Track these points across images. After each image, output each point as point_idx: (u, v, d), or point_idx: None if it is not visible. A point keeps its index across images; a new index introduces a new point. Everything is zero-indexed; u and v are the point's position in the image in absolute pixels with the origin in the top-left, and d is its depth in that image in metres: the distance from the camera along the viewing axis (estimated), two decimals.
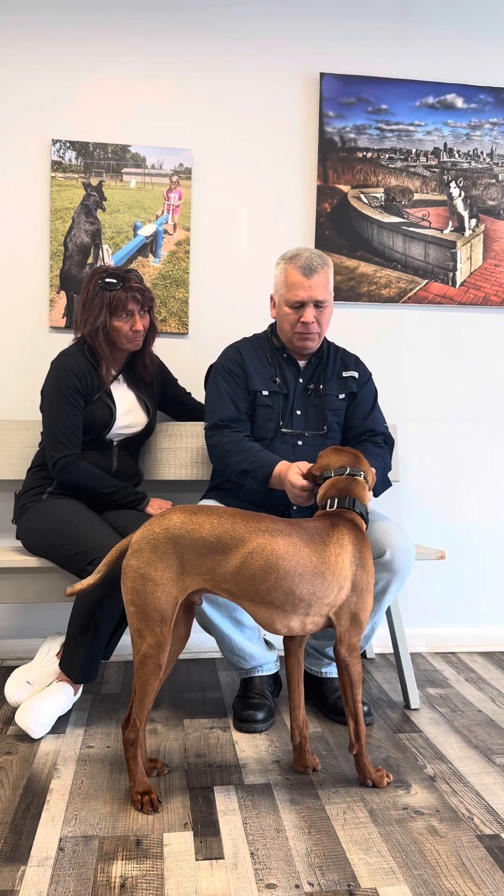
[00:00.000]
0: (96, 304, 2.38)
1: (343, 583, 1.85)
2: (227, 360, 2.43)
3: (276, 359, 2.43)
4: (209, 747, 2.17)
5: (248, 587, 1.80)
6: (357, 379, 2.48)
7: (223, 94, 2.89)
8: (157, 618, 1.78)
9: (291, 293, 2.31)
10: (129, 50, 2.83)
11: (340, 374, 2.46)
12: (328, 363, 2.46)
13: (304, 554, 1.82)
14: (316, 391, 2.41)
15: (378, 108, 2.95)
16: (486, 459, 3.13)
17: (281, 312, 2.37)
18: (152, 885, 1.54)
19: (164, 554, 1.79)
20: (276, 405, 2.38)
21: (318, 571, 1.82)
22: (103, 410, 2.44)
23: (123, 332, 2.41)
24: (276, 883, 1.56)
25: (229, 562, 1.80)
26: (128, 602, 1.81)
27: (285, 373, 2.42)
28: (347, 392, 2.45)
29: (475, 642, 3.13)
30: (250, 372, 2.39)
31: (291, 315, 2.33)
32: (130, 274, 2.41)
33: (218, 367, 2.43)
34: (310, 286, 2.29)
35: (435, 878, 1.58)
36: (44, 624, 2.91)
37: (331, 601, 1.85)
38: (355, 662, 1.90)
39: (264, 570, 1.78)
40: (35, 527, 2.37)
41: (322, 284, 2.31)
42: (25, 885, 1.54)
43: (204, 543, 1.80)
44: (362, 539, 1.92)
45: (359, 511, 1.96)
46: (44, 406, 2.43)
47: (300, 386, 2.42)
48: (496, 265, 3.05)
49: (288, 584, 1.79)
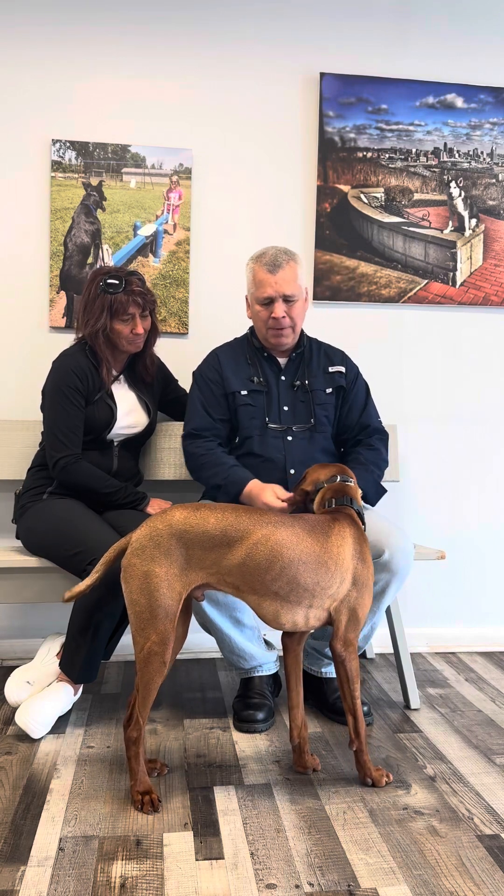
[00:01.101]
0: (97, 307, 2.38)
1: (345, 574, 1.87)
2: (205, 366, 2.48)
3: (255, 359, 2.47)
4: (209, 747, 2.17)
5: (252, 578, 1.82)
6: (345, 374, 2.50)
7: (223, 94, 2.89)
8: (161, 614, 1.79)
9: (260, 290, 2.36)
10: (130, 50, 2.83)
11: (326, 369, 2.49)
12: (311, 359, 2.49)
13: (308, 543, 1.85)
14: (302, 387, 2.44)
15: (378, 108, 2.95)
16: (486, 459, 3.13)
17: (253, 311, 2.43)
18: (152, 885, 1.55)
19: (168, 550, 1.80)
20: (257, 403, 2.41)
21: (321, 561, 1.85)
22: (104, 411, 2.44)
23: (124, 334, 2.41)
24: (276, 883, 1.56)
25: (234, 554, 1.81)
26: (131, 600, 1.81)
27: (266, 371, 2.45)
28: (335, 386, 2.47)
29: (475, 642, 3.13)
30: (227, 374, 2.43)
31: (263, 312, 2.38)
32: (132, 276, 2.41)
33: (196, 375, 2.49)
34: (276, 282, 2.33)
35: (435, 878, 1.58)
36: (44, 624, 2.91)
37: (333, 592, 1.87)
38: (351, 658, 1.91)
39: (269, 560, 1.80)
40: (35, 527, 2.37)
41: (289, 279, 2.34)
42: (25, 885, 1.54)
43: (209, 537, 1.82)
44: (361, 535, 1.94)
45: (356, 509, 1.99)
46: (44, 406, 2.43)
47: (284, 383, 2.45)
48: (496, 265, 3.05)
49: (292, 572, 1.81)
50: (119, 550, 1.88)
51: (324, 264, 2.96)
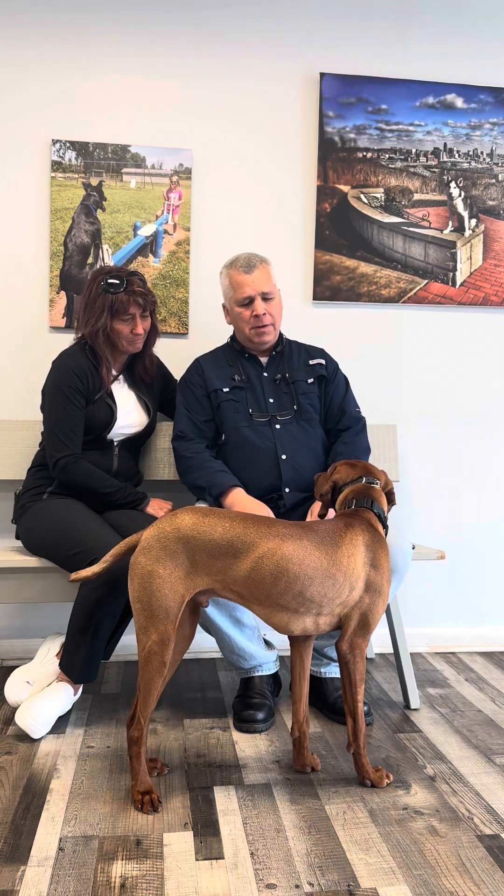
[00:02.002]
0: (98, 306, 2.39)
1: (355, 583, 1.86)
2: (189, 373, 2.56)
3: (236, 360, 2.55)
4: (209, 747, 2.17)
5: (258, 591, 1.81)
6: (325, 365, 2.58)
7: (223, 94, 2.89)
8: (162, 615, 1.79)
9: (239, 292, 2.45)
10: (130, 50, 2.83)
11: (307, 362, 2.57)
12: (292, 355, 2.58)
13: (314, 557, 1.83)
14: (283, 379, 2.52)
15: (378, 108, 2.95)
16: (486, 459, 3.13)
17: (234, 314, 2.50)
18: (152, 885, 1.54)
19: (174, 553, 1.81)
20: (240, 398, 2.49)
21: (328, 574, 1.83)
22: (104, 410, 2.44)
23: (124, 334, 2.42)
24: (276, 883, 1.56)
25: (240, 565, 1.81)
26: (134, 598, 1.82)
27: (247, 370, 2.54)
28: (316, 376, 2.55)
29: (475, 642, 3.13)
30: (209, 376, 2.51)
31: (244, 312, 2.46)
32: (134, 276, 2.41)
33: (180, 382, 2.58)
34: (253, 280, 2.44)
35: (435, 878, 1.58)
36: (44, 624, 2.91)
37: (342, 601, 1.86)
38: (357, 661, 1.90)
39: (274, 575, 1.80)
40: (35, 527, 2.37)
41: (264, 278, 2.45)
42: (25, 885, 1.54)
43: (216, 546, 1.81)
44: (378, 541, 1.92)
45: (377, 512, 1.97)
46: (44, 406, 2.43)
47: (266, 378, 2.53)
48: (496, 265, 3.05)
49: (298, 587, 1.81)
50: (129, 545, 1.89)
51: (324, 264, 2.96)
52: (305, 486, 2.43)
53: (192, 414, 2.49)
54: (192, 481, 2.41)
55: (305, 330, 2.92)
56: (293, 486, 2.42)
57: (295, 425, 2.47)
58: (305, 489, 2.43)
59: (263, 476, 2.41)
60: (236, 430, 2.46)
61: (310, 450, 2.46)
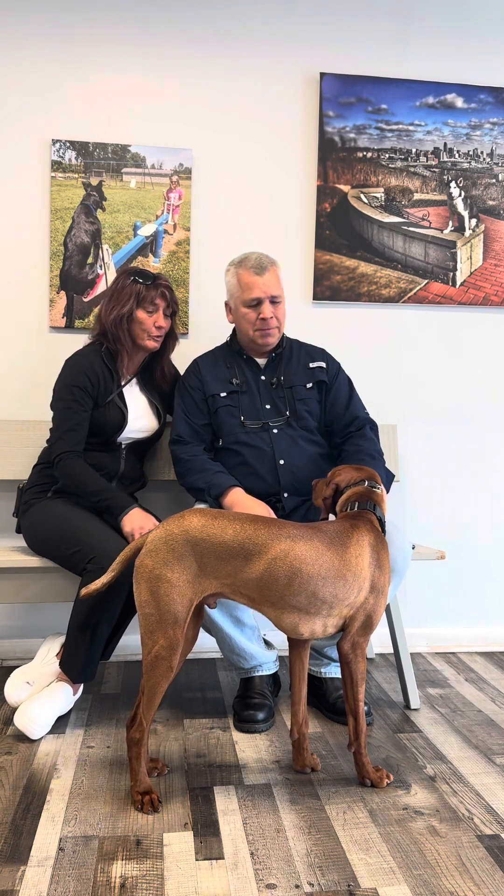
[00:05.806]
0: (125, 294, 2.42)
1: (363, 584, 1.87)
2: (187, 375, 2.55)
3: (234, 362, 2.52)
4: (209, 747, 2.17)
5: (271, 592, 1.80)
6: (325, 369, 2.54)
7: (223, 94, 2.89)
8: (170, 619, 1.77)
9: (247, 293, 2.41)
10: (130, 50, 2.83)
11: (307, 365, 2.53)
12: (291, 357, 2.54)
13: (327, 557, 1.83)
14: (279, 383, 2.49)
15: (378, 108, 2.94)
16: (486, 459, 3.12)
17: (239, 314, 2.47)
18: (152, 885, 1.54)
19: (182, 556, 1.78)
20: (237, 403, 2.47)
21: (339, 574, 1.83)
22: (115, 414, 2.44)
23: (146, 325, 2.43)
24: (276, 883, 1.56)
25: (252, 568, 1.80)
26: (141, 603, 1.79)
27: (245, 373, 2.51)
28: (315, 381, 2.52)
29: (475, 642, 3.13)
30: (206, 379, 2.49)
31: (250, 314, 2.43)
32: (161, 276, 2.49)
33: (178, 386, 2.56)
34: (263, 283, 2.40)
35: (435, 878, 1.58)
36: (44, 624, 2.91)
37: (351, 602, 1.86)
38: (358, 660, 1.90)
39: (288, 576, 1.79)
40: (38, 524, 2.38)
41: (274, 281, 2.42)
42: (25, 885, 1.54)
43: (226, 548, 1.79)
44: (380, 542, 1.93)
45: (378, 515, 1.98)
46: (53, 402, 2.44)
47: (263, 382, 2.50)
48: (496, 265, 3.05)
49: (311, 587, 1.80)
50: (135, 549, 1.85)
51: (324, 264, 2.96)
52: (304, 490, 2.42)
53: (190, 418, 2.49)
54: (190, 483, 2.40)
55: (305, 330, 2.92)
56: (291, 490, 2.41)
57: (290, 430, 2.46)
58: (304, 494, 2.43)
59: (261, 481, 2.40)
60: (234, 434, 2.45)
61: (307, 455, 2.45)
